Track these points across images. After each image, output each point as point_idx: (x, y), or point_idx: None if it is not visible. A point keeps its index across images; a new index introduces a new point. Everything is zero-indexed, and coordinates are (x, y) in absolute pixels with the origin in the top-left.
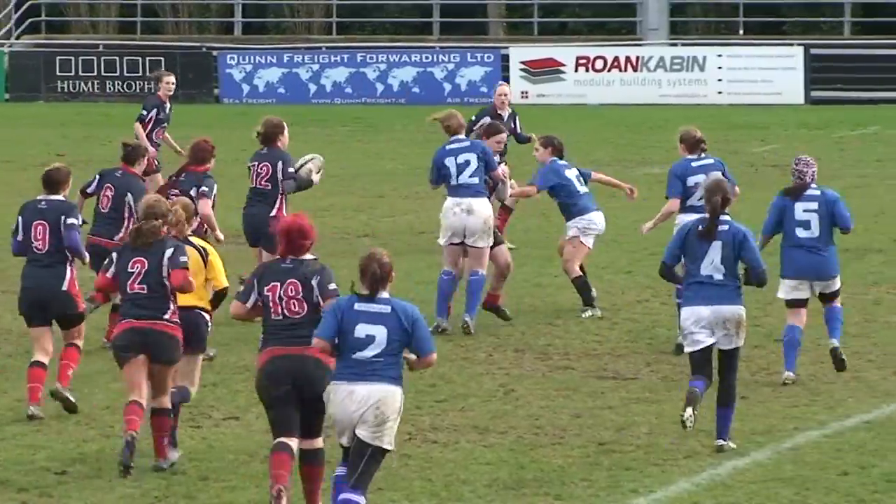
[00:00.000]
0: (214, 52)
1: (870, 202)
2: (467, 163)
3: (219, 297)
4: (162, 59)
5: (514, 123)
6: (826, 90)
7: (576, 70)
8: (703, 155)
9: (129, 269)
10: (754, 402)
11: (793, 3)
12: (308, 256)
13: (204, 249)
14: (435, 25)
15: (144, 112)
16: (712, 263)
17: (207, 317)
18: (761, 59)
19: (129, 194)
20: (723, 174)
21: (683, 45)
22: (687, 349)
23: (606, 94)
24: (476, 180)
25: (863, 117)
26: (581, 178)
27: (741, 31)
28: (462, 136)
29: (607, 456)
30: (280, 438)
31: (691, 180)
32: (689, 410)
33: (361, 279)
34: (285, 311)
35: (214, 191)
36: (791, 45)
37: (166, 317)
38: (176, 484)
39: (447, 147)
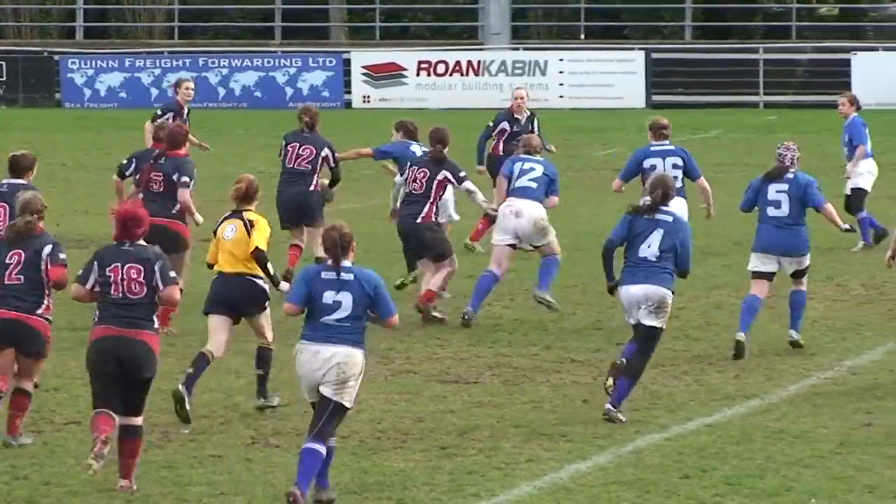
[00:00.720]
0: (56, 57)
1: None
2: (532, 169)
3: (258, 260)
4: (3, 63)
5: (533, 126)
6: (667, 94)
7: (418, 74)
8: (664, 142)
9: (7, 262)
10: (595, 406)
11: (634, 7)
12: (142, 243)
13: (250, 221)
14: (277, 30)
15: (159, 112)
16: (649, 248)
17: (260, 282)
18: (602, 63)
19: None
20: (685, 162)
21: (525, 49)
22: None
23: (448, 98)
24: (534, 185)
25: (704, 121)
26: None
27: (582, 36)
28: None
29: (449, 460)
30: (100, 409)
31: (647, 162)
32: (611, 380)
33: (325, 250)
34: (125, 292)
35: (195, 176)
36: (632, 49)
37: (39, 311)
38: (18, 488)
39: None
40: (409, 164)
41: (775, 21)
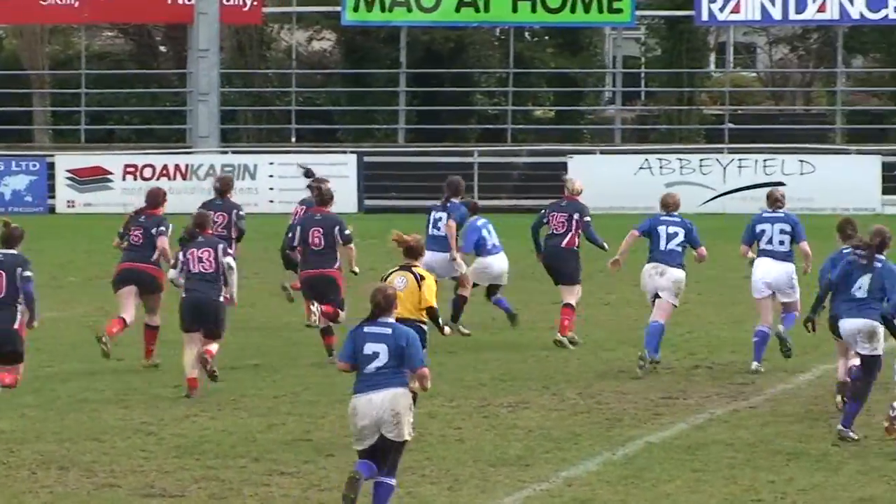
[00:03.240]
0: None
1: None
2: (676, 234)
3: (430, 315)
4: None
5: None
6: (380, 198)
7: (124, 178)
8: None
9: None
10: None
11: (346, 110)
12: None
13: (420, 276)
14: None
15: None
16: (860, 289)
17: (425, 327)
18: (315, 167)
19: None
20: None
21: (234, 153)
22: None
23: None
24: (679, 249)
25: (417, 226)
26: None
27: (293, 139)
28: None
29: None
30: None
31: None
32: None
33: (371, 306)
34: None
35: (170, 230)
36: (344, 152)
37: None
38: None
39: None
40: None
41: (490, 124)
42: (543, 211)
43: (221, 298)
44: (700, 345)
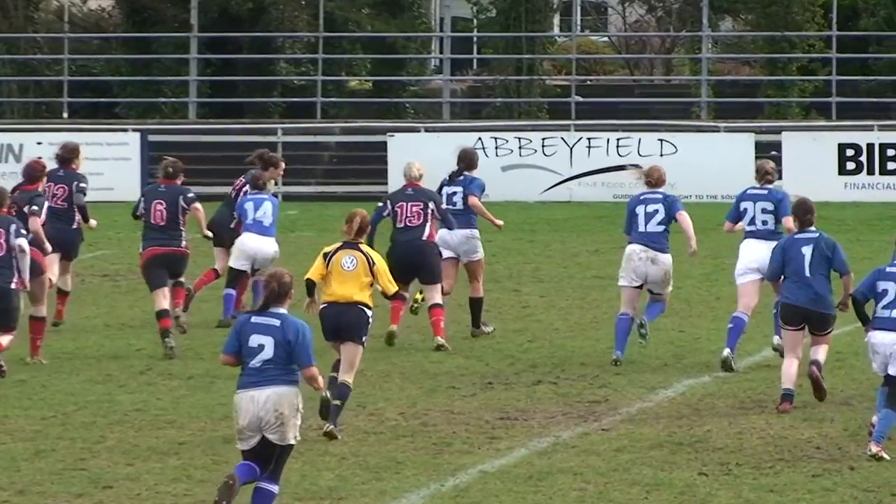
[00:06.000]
0: None
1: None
2: (656, 212)
3: (387, 298)
4: None
5: None
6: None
7: None
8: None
9: None
10: None
11: (127, 80)
12: None
13: (371, 258)
14: None
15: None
16: None
17: (369, 312)
18: (91, 147)
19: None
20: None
21: None
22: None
23: None
24: (661, 229)
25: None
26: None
27: (65, 114)
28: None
29: None
30: None
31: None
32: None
33: (263, 293)
34: None
35: (44, 208)
36: (125, 130)
37: None
38: None
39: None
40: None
41: (297, 96)
42: (383, 203)
43: (13, 285)
44: (543, 356)
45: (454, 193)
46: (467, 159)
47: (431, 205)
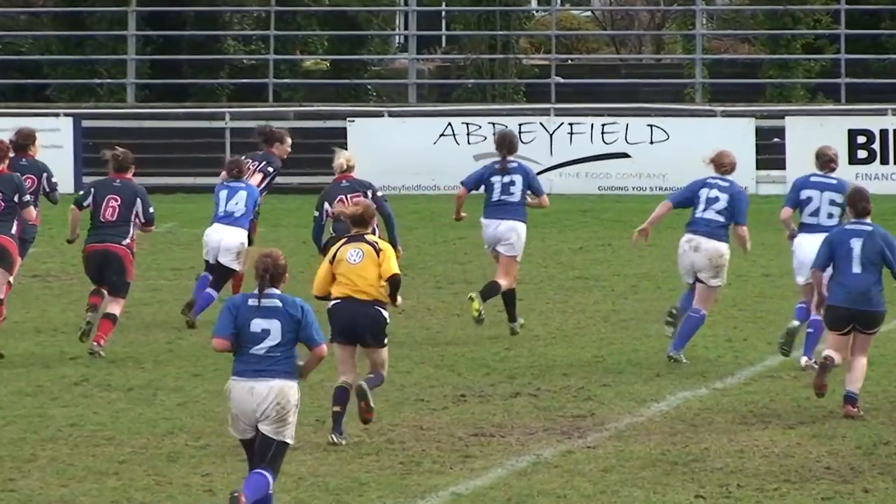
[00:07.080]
0: None
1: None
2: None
3: (393, 283)
4: None
5: None
6: (102, 174)
7: None
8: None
9: None
10: None
11: (58, 59)
12: None
13: (377, 246)
14: None
15: (271, 169)
16: None
17: (385, 313)
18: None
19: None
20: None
21: None
22: None
23: None
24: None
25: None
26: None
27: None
28: None
29: None
30: None
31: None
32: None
33: (256, 276)
34: None
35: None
36: (57, 115)
37: None
38: None
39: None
40: None
41: (246, 77)
42: (318, 211)
43: None
44: (522, 365)
45: (511, 183)
46: (507, 142)
47: (370, 193)
